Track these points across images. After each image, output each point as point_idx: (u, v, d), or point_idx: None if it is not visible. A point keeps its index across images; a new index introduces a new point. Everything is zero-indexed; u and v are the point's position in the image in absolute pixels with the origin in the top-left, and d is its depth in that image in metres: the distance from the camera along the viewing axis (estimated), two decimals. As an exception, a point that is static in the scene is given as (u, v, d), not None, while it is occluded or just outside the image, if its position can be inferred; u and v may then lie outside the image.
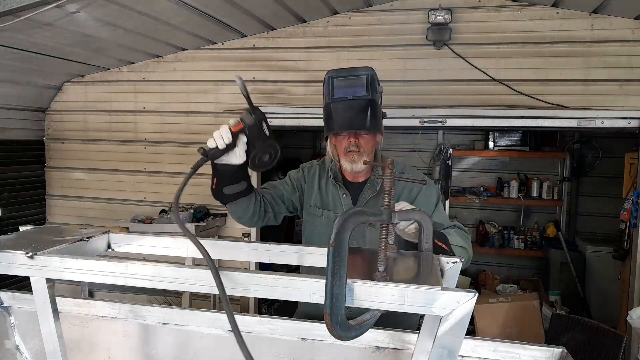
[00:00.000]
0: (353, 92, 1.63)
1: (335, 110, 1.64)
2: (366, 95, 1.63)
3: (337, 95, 1.63)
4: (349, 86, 1.64)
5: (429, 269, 1.16)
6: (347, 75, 1.67)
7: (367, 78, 1.65)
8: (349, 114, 1.62)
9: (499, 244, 5.41)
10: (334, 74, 1.69)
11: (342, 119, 1.64)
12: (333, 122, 1.65)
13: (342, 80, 1.65)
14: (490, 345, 1.44)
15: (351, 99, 1.62)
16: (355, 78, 1.65)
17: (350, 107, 1.62)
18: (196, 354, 1.62)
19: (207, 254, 1.06)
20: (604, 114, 3.47)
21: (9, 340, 1.76)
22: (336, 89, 1.65)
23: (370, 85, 1.64)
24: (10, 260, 1.18)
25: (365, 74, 1.66)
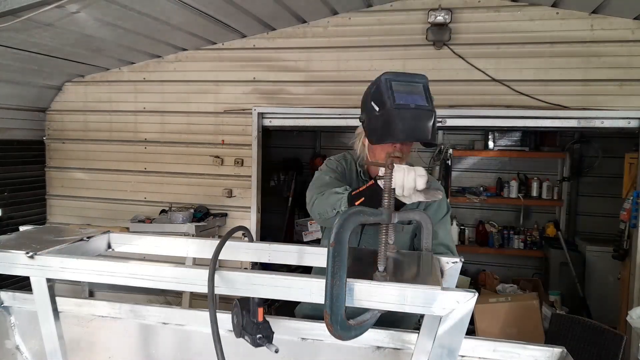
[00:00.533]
0: (414, 100, 1.57)
1: (398, 116, 1.55)
2: (427, 106, 1.58)
3: (399, 101, 1.56)
4: (408, 93, 1.58)
5: (428, 269, 1.16)
6: (406, 80, 1.61)
7: (425, 86, 1.62)
8: (415, 123, 1.56)
9: (499, 243, 5.41)
10: (392, 76, 1.62)
11: (408, 128, 1.56)
12: (396, 129, 1.56)
13: (402, 85, 1.60)
14: (490, 345, 1.44)
15: (414, 108, 1.56)
16: (415, 85, 1.61)
17: (415, 116, 1.56)
18: (196, 354, 1.63)
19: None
20: (604, 114, 3.47)
21: (9, 340, 1.76)
22: (396, 93, 1.58)
23: (427, 94, 1.61)
24: (11, 260, 1.18)
25: (422, 82, 1.62)
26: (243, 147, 4.07)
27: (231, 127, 4.10)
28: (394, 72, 1.62)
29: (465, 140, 5.62)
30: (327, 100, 3.89)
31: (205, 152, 4.16)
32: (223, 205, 4.14)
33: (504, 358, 1.43)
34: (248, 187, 4.09)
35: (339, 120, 3.88)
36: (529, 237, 5.38)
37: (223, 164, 4.12)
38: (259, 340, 1.30)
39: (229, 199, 4.12)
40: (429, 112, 1.56)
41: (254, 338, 1.30)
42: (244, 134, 4.06)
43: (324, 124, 4.01)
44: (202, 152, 4.16)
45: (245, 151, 4.08)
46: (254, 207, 4.09)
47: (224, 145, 4.12)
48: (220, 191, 4.12)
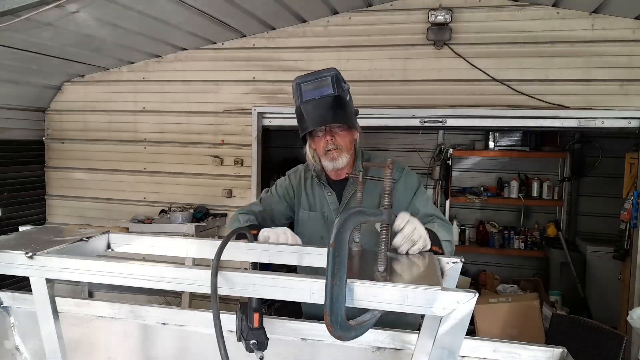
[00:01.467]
0: (320, 92, 1.69)
1: (306, 110, 1.71)
2: (333, 93, 1.69)
3: (306, 98, 1.70)
4: (316, 88, 1.70)
5: (429, 269, 1.16)
6: (313, 78, 1.72)
7: (332, 78, 1.71)
8: (319, 111, 1.69)
9: (500, 244, 5.41)
10: (301, 79, 1.75)
11: (313, 117, 1.70)
12: (305, 121, 1.72)
13: (309, 83, 1.72)
14: (490, 346, 1.44)
15: (319, 98, 1.69)
16: (321, 79, 1.71)
17: (319, 105, 1.69)
18: (196, 354, 1.62)
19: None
20: (604, 114, 3.47)
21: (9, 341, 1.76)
22: (304, 92, 1.71)
23: (335, 83, 1.70)
24: (10, 260, 1.17)
25: (330, 74, 1.72)
26: (243, 147, 4.07)
27: (231, 127, 4.10)
28: (303, 74, 1.75)
29: (465, 140, 5.62)
30: (327, 100, 3.88)
31: (205, 152, 4.16)
32: (223, 206, 4.14)
33: (504, 358, 1.43)
34: (248, 187, 4.09)
35: (339, 120, 3.87)
36: (530, 237, 5.38)
37: (223, 164, 4.12)
38: (252, 346, 1.30)
39: (229, 199, 4.12)
40: (333, 97, 1.68)
41: (247, 343, 1.30)
42: (244, 134, 4.06)
43: (323, 124, 4.00)
44: (202, 152, 4.16)
45: (245, 151, 4.07)
46: (254, 207, 4.08)
47: (224, 145, 4.12)
48: (220, 191, 4.12)
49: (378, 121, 3.85)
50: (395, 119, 3.83)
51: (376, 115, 3.81)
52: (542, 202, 5.33)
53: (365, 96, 3.78)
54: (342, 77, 1.75)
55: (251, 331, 1.30)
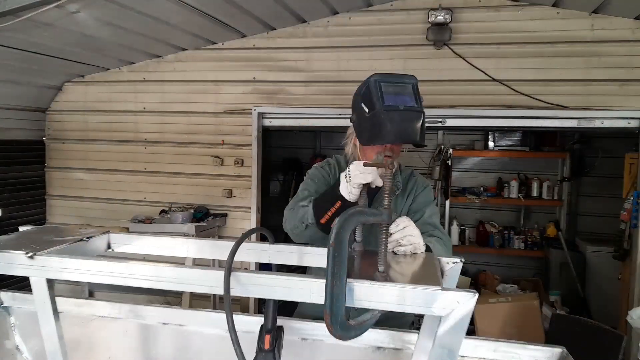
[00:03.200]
0: (403, 101, 1.56)
1: (388, 118, 1.55)
2: (416, 107, 1.57)
3: (388, 103, 1.55)
4: (397, 94, 1.57)
5: (429, 269, 1.16)
6: (395, 82, 1.59)
7: (414, 87, 1.60)
8: (403, 125, 1.55)
9: (499, 244, 5.41)
10: (380, 78, 1.60)
11: (397, 130, 1.56)
12: (385, 131, 1.56)
13: (391, 86, 1.58)
14: (490, 345, 1.44)
15: (403, 110, 1.55)
16: (404, 86, 1.59)
17: (405, 118, 1.55)
18: (196, 354, 1.62)
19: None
20: (604, 114, 3.47)
21: (9, 340, 1.76)
22: (385, 95, 1.56)
23: (416, 95, 1.59)
24: (10, 260, 1.18)
25: (411, 82, 1.60)
26: (243, 147, 4.07)
27: (231, 127, 4.10)
28: (383, 73, 1.61)
29: (465, 140, 5.62)
30: (327, 100, 3.89)
31: (205, 152, 4.16)
32: (223, 206, 4.14)
33: (504, 358, 1.43)
34: (248, 187, 4.09)
35: (339, 120, 3.87)
36: (530, 237, 5.38)
37: (223, 164, 4.12)
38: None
39: (229, 199, 4.12)
40: (418, 113, 1.56)
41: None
42: (244, 134, 4.06)
43: (324, 124, 4.01)
44: (202, 152, 4.16)
45: (245, 151, 4.07)
46: (254, 207, 4.09)
47: (224, 145, 4.12)
48: (220, 191, 4.12)
49: (378, 121, 3.85)
50: (395, 119, 3.83)
51: (376, 115, 3.81)
52: (542, 202, 5.33)
53: (365, 96, 3.78)
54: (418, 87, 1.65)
55: (261, 352, 1.25)
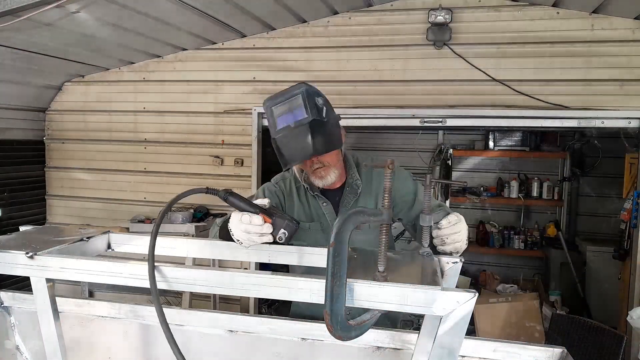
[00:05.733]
0: (293, 116, 1.52)
1: (282, 143, 1.55)
2: (307, 117, 1.51)
3: (280, 126, 1.53)
4: (288, 111, 1.54)
5: (429, 269, 1.16)
6: (283, 99, 1.55)
7: (303, 96, 1.53)
8: (296, 143, 1.52)
9: (499, 244, 5.41)
10: (270, 102, 1.57)
11: (291, 152, 1.54)
12: (284, 157, 1.56)
13: (280, 106, 1.55)
14: (490, 345, 1.44)
15: (294, 127, 1.52)
16: (293, 100, 1.53)
17: (296, 135, 1.52)
18: (196, 354, 1.62)
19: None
20: (604, 114, 3.47)
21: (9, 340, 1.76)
22: (278, 118, 1.55)
23: (307, 102, 1.53)
24: (10, 260, 1.18)
25: (299, 91, 1.53)
26: (243, 147, 4.07)
27: (231, 127, 4.10)
28: (273, 95, 1.58)
29: (465, 140, 5.62)
30: (327, 100, 3.88)
31: (205, 152, 4.16)
32: (223, 206, 4.14)
33: (504, 358, 1.43)
34: (248, 187, 4.09)
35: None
36: (530, 237, 5.38)
37: (223, 164, 4.12)
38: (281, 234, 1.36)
39: (229, 199, 4.12)
40: (306, 124, 1.50)
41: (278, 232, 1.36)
42: (244, 134, 4.06)
43: (324, 124, 4.00)
44: (202, 152, 4.16)
45: (245, 151, 4.07)
46: (254, 207, 4.08)
47: (224, 145, 4.12)
48: (220, 191, 4.11)
49: (378, 121, 3.86)
50: (395, 119, 3.83)
51: (376, 115, 3.81)
52: (542, 202, 5.33)
53: (366, 96, 3.78)
54: (314, 90, 1.58)
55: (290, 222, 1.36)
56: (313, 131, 1.51)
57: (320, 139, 1.53)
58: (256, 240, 1.35)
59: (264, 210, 1.37)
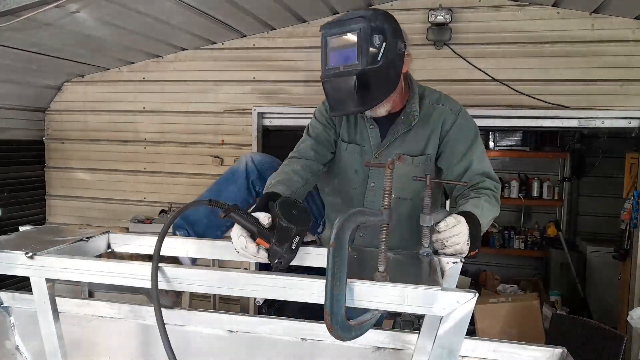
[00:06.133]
0: (344, 58, 1.38)
1: (328, 88, 1.43)
2: (356, 64, 1.36)
3: (331, 64, 1.40)
4: (340, 48, 1.39)
5: (429, 269, 1.16)
6: (339, 31, 1.39)
7: (359, 35, 1.35)
8: (341, 94, 1.40)
9: (500, 244, 5.41)
10: (327, 29, 1.42)
11: (336, 101, 1.43)
12: (330, 102, 1.46)
13: (335, 38, 1.40)
14: (490, 346, 1.44)
15: (343, 70, 1.38)
16: (347, 36, 1.38)
17: (342, 84, 1.38)
18: (196, 354, 1.62)
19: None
20: (605, 113, 3.46)
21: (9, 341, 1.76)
22: (330, 53, 1.41)
23: (362, 45, 1.35)
24: (10, 260, 1.18)
25: (357, 27, 1.35)
26: (243, 147, 4.07)
27: (231, 127, 4.10)
28: (332, 21, 1.42)
29: (465, 140, 5.61)
30: (327, 100, 3.88)
31: (205, 152, 4.16)
32: (223, 205, 4.14)
33: (504, 358, 1.43)
34: (248, 187, 4.09)
35: (339, 120, 3.87)
36: (530, 237, 5.38)
37: (223, 164, 4.12)
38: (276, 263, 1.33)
39: (229, 199, 4.11)
40: (354, 75, 1.34)
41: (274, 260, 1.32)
42: (244, 134, 4.06)
43: (324, 124, 4.00)
44: (202, 152, 4.16)
45: (245, 151, 4.07)
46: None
47: (224, 145, 4.11)
48: (220, 191, 4.11)
49: (378, 121, 3.85)
50: (395, 119, 3.83)
51: (376, 115, 3.81)
52: (542, 202, 5.33)
53: (366, 96, 3.78)
54: (375, 24, 1.37)
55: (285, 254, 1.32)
56: (360, 84, 1.37)
57: (367, 93, 1.40)
58: (251, 260, 1.33)
59: (264, 231, 1.31)
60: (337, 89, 1.40)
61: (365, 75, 1.37)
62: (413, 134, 1.67)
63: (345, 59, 1.39)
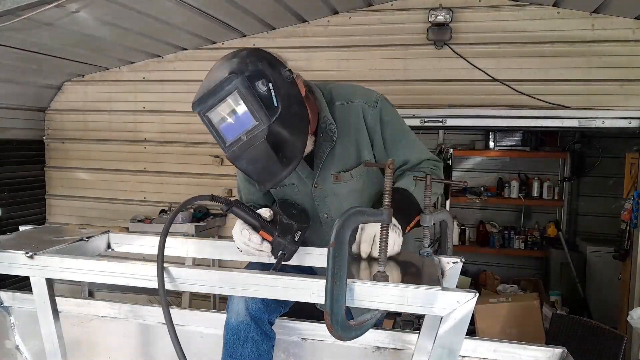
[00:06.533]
0: (240, 125, 1.17)
1: (242, 166, 1.25)
2: (257, 124, 1.16)
3: (229, 139, 1.20)
4: (227, 117, 1.19)
5: (429, 269, 1.16)
6: (215, 101, 1.18)
7: (240, 92, 1.15)
8: (258, 165, 1.23)
9: (500, 244, 5.40)
10: (201, 106, 1.19)
11: (256, 175, 1.27)
12: (253, 179, 1.32)
13: (215, 110, 1.20)
14: (490, 346, 1.44)
15: (246, 139, 1.18)
16: (227, 101, 1.18)
17: (254, 156, 1.20)
18: (196, 354, 1.62)
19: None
20: (605, 113, 3.46)
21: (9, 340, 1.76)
22: (220, 128, 1.20)
23: (249, 101, 1.15)
24: (10, 260, 1.17)
25: (233, 86, 1.16)
26: (243, 147, 4.06)
27: (231, 126, 4.09)
28: (200, 97, 1.21)
29: (466, 140, 5.61)
30: (327, 100, 3.88)
31: (205, 152, 4.15)
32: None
33: (504, 358, 1.43)
34: (248, 187, 4.09)
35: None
36: (530, 237, 5.37)
37: (223, 164, 4.12)
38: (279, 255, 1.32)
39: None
40: (263, 138, 1.16)
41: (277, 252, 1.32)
42: (244, 134, 4.05)
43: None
44: (202, 152, 4.16)
45: (246, 151, 4.07)
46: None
47: (224, 145, 4.11)
48: (220, 191, 4.11)
49: (378, 121, 3.85)
50: (395, 119, 3.83)
51: (376, 115, 3.81)
52: (542, 202, 5.32)
53: (366, 96, 3.78)
54: (250, 71, 1.17)
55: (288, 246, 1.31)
56: (275, 142, 1.20)
57: (288, 145, 1.23)
58: (254, 254, 1.31)
59: (267, 224, 1.30)
60: (254, 161, 1.22)
61: (275, 130, 1.19)
62: (340, 147, 1.50)
63: (241, 126, 1.18)
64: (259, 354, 1.40)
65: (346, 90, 1.56)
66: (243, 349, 1.39)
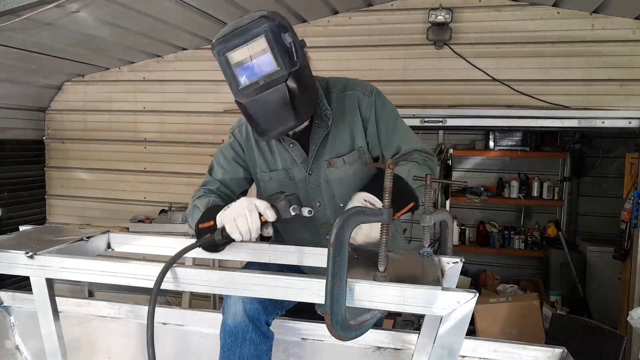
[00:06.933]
0: (259, 69, 1.17)
1: (253, 111, 1.22)
2: (279, 70, 1.16)
3: (243, 82, 1.18)
4: (249, 60, 1.17)
5: (429, 269, 1.16)
6: (240, 41, 1.17)
7: (267, 37, 1.16)
8: (270, 113, 1.21)
9: (500, 244, 5.40)
10: (222, 45, 1.18)
11: (268, 122, 1.23)
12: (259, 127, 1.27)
13: (237, 51, 1.18)
14: (490, 346, 1.44)
15: (264, 83, 1.17)
16: (252, 43, 1.17)
17: (268, 102, 1.18)
18: (196, 354, 1.62)
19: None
20: (605, 114, 3.46)
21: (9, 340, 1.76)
22: (237, 70, 1.19)
23: (275, 47, 1.15)
24: (10, 260, 1.18)
25: (261, 30, 1.16)
26: (243, 146, 4.06)
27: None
28: (225, 35, 1.20)
29: (466, 140, 5.61)
30: (327, 100, 3.89)
31: (205, 152, 4.15)
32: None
33: (504, 358, 1.43)
34: (248, 187, 4.09)
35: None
36: (530, 237, 5.37)
37: (223, 164, 4.12)
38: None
39: (229, 199, 4.11)
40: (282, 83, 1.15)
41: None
42: (244, 134, 4.05)
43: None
44: (202, 152, 4.16)
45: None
46: (254, 206, 4.08)
47: (224, 145, 4.11)
48: (220, 191, 4.11)
49: (378, 121, 3.85)
50: (395, 119, 3.83)
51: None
52: (542, 202, 5.32)
53: (366, 96, 3.79)
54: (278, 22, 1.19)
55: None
56: (292, 91, 1.18)
57: (301, 100, 1.21)
58: (255, 223, 1.22)
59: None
60: (267, 107, 1.19)
61: (293, 80, 1.18)
62: (334, 133, 1.52)
63: (260, 70, 1.18)
64: (258, 354, 1.40)
65: (342, 81, 1.63)
66: (241, 350, 1.39)
